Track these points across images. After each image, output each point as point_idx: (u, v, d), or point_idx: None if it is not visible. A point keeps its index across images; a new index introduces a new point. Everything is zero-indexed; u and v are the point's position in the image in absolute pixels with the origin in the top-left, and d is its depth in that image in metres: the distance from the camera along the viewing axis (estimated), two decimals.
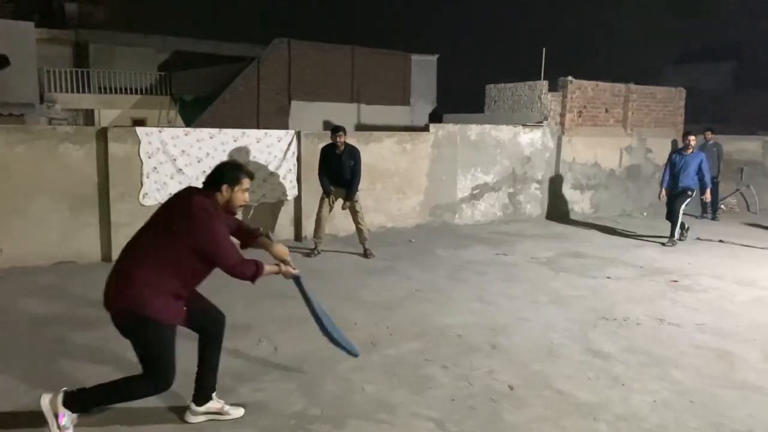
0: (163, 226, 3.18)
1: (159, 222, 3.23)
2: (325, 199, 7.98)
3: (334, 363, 4.38)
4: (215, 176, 3.32)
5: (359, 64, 20.60)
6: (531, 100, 11.78)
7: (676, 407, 3.80)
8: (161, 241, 3.13)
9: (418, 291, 6.39)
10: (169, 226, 3.16)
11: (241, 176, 3.34)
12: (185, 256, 3.13)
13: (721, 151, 12.01)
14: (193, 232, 3.10)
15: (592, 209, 12.18)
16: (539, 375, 4.27)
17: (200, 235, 3.11)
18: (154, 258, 3.12)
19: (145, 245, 3.18)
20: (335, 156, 7.84)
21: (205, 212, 3.16)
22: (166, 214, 3.22)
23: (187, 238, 3.10)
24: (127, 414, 3.53)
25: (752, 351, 4.81)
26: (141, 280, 3.07)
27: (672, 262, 7.95)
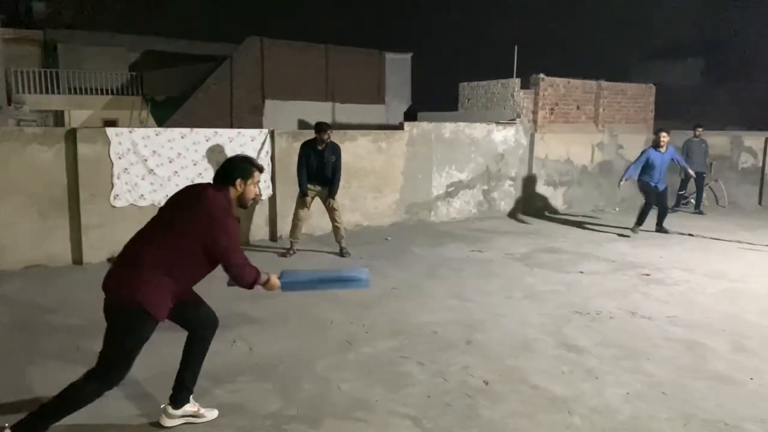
0: (172, 222, 3.16)
1: (168, 216, 3.22)
2: (303, 199, 7.88)
3: (310, 362, 4.37)
4: (228, 171, 3.30)
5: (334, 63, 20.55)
6: (504, 98, 11.86)
7: (648, 399, 3.86)
8: (169, 236, 3.11)
9: (394, 289, 6.40)
10: (179, 221, 3.14)
11: (253, 169, 3.36)
12: (191, 254, 3.11)
13: (707, 146, 12.34)
14: (208, 228, 3.08)
15: (566, 205, 12.32)
16: (514, 370, 4.31)
17: (215, 231, 3.09)
18: (159, 252, 3.09)
19: (151, 239, 3.16)
20: (317, 152, 7.75)
21: (223, 209, 3.16)
22: (175, 209, 3.21)
23: (199, 233, 3.08)
24: (97, 416, 3.48)
25: (722, 342, 4.90)
26: (145, 272, 3.06)
27: (644, 256, 8.07)
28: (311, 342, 4.82)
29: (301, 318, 5.41)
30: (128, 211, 7.61)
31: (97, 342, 3.18)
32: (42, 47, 23.61)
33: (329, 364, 4.35)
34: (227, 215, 3.17)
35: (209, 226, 3.09)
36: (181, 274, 3.16)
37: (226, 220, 3.15)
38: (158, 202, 7.80)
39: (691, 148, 12.11)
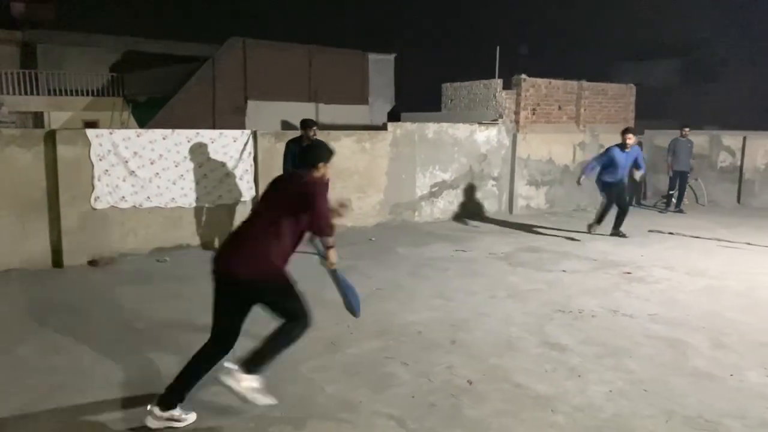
0: (276, 203, 3.65)
1: (271, 200, 3.71)
2: None
3: (295, 364, 4.36)
4: (314, 155, 3.87)
5: (317, 64, 20.50)
6: (486, 99, 11.92)
7: (630, 396, 3.90)
8: (278, 214, 3.57)
9: (379, 289, 6.40)
10: (283, 200, 3.62)
11: (330, 155, 3.94)
12: (295, 226, 3.59)
13: (692, 146, 12.49)
14: (310, 199, 3.53)
15: (548, 204, 12.41)
16: (498, 369, 4.33)
17: (318, 200, 3.54)
18: (272, 230, 3.55)
19: (265, 221, 3.60)
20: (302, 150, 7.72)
21: (318, 185, 3.70)
22: (276, 193, 3.73)
23: (302, 206, 3.55)
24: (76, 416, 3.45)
25: (702, 339, 4.97)
26: (267, 249, 3.55)
27: (625, 255, 8.15)
28: (296, 343, 4.79)
29: None
30: (109, 213, 7.54)
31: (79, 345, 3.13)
32: (21, 47, 23.30)
33: (314, 365, 4.35)
34: (322, 189, 3.67)
35: (312, 199, 3.54)
36: (289, 245, 3.65)
37: (322, 191, 3.63)
38: (139, 204, 7.75)
39: (678, 148, 12.25)
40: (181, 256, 7.79)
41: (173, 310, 5.68)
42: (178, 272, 7.07)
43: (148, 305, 5.80)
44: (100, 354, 4.55)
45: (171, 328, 5.16)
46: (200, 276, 6.90)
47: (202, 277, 6.84)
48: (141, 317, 5.43)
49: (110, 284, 6.54)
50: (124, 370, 4.27)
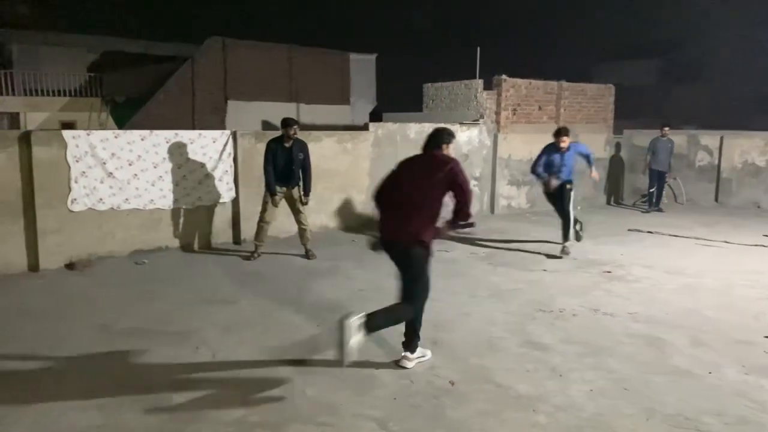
0: (419, 181, 4.17)
1: (410, 179, 4.22)
2: (271, 200, 7.74)
3: (275, 367, 4.32)
4: (439, 138, 4.32)
5: (297, 63, 20.38)
6: (467, 99, 11.94)
7: (611, 395, 3.91)
8: (421, 191, 4.16)
9: (361, 291, 6.37)
10: (424, 179, 4.16)
11: (451, 137, 4.38)
12: (440, 200, 4.16)
13: (673, 145, 12.53)
14: (453, 176, 4.10)
15: (529, 204, 12.46)
16: (480, 369, 4.32)
17: (459, 175, 4.12)
18: (423, 204, 4.16)
19: (408, 197, 4.19)
20: (284, 149, 7.66)
21: (456, 160, 4.22)
22: (415, 173, 4.22)
23: (446, 182, 4.10)
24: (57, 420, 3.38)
25: (681, 337, 5.01)
26: (420, 222, 4.16)
27: (605, 254, 8.20)
28: (276, 347, 4.76)
29: (265, 322, 5.34)
30: (87, 215, 7.43)
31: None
32: None
33: (294, 368, 4.30)
34: (458, 163, 4.22)
35: (455, 175, 4.11)
36: (435, 217, 4.19)
37: (460, 167, 4.20)
38: (117, 206, 7.64)
39: (657, 147, 12.34)
40: (161, 259, 7.70)
41: (152, 312, 5.60)
42: (158, 274, 6.99)
43: (127, 308, 5.72)
44: (77, 358, 4.47)
45: (150, 331, 5.09)
46: (180, 278, 6.85)
47: (181, 279, 6.80)
48: (119, 320, 5.35)
49: (88, 287, 6.44)
50: (103, 374, 4.20)
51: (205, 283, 6.67)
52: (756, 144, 13.13)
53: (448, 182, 4.10)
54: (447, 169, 4.12)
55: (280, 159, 7.59)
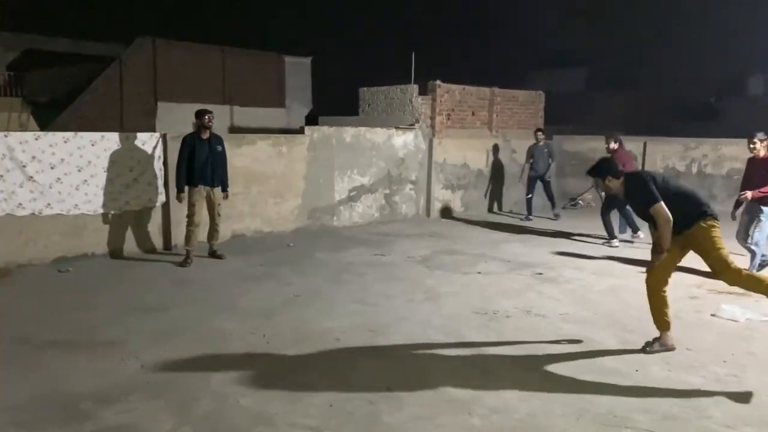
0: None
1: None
2: (197, 202, 7.55)
3: (207, 377, 4.19)
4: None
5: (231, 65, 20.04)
6: (403, 103, 12.02)
7: (544, 396, 3.99)
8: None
9: (297, 296, 6.28)
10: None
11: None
12: None
13: (552, 151, 12.29)
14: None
15: (463, 208, 12.65)
16: (416, 373, 4.33)
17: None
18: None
19: None
20: (203, 143, 7.47)
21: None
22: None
23: None
24: None
25: (610, 337, 5.17)
26: None
27: (536, 257, 8.41)
28: (208, 355, 4.63)
29: (197, 330, 5.18)
30: (4, 221, 7.03)
31: None
32: None
33: (227, 378, 4.19)
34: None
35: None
36: None
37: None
38: (39, 212, 7.28)
39: (535, 153, 12.03)
40: (86, 266, 7.37)
41: (76, 322, 5.34)
42: (83, 283, 6.68)
43: (48, 319, 5.43)
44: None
45: (73, 342, 4.85)
46: (106, 286, 6.57)
47: (108, 287, 6.52)
48: (40, 332, 5.07)
49: (5, 298, 6.09)
50: (21, 390, 3.96)
51: (133, 290, 6.42)
52: (676, 149, 13.79)
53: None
54: None
55: (200, 154, 7.42)
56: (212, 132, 7.61)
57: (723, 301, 6.18)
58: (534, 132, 12.39)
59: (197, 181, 7.49)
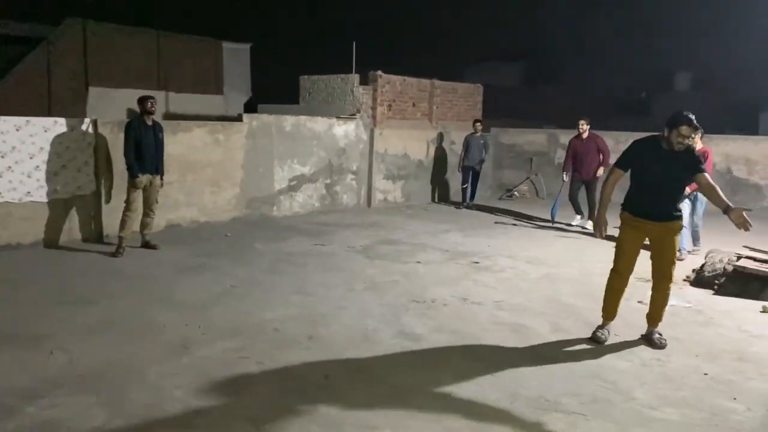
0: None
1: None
2: (138, 188, 7.34)
3: (140, 370, 4.08)
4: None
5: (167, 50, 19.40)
6: (344, 93, 11.98)
7: (479, 381, 4.08)
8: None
9: (234, 287, 6.19)
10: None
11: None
12: None
13: (487, 143, 12.62)
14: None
15: (404, 198, 12.74)
16: (355, 362, 4.35)
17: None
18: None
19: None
20: (147, 129, 7.28)
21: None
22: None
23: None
24: None
25: (543, 323, 5.34)
26: None
27: (474, 245, 8.57)
28: (142, 348, 4.51)
29: (130, 322, 5.04)
30: None
31: None
32: None
33: (162, 370, 4.09)
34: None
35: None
36: None
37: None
38: None
39: (470, 144, 12.28)
40: (10, 257, 7.03)
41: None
42: (6, 275, 6.37)
43: None
44: None
45: None
46: (33, 278, 6.29)
47: (34, 279, 6.24)
48: None
49: None
50: None
51: (62, 282, 6.17)
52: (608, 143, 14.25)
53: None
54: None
55: (146, 141, 7.24)
56: (153, 118, 7.41)
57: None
58: (473, 122, 12.61)
59: (142, 169, 7.30)
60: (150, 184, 7.46)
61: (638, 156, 4.75)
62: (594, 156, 9.84)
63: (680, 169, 4.63)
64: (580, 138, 10.09)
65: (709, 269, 6.66)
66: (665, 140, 4.60)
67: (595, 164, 9.85)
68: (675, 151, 4.56)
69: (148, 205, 7.58)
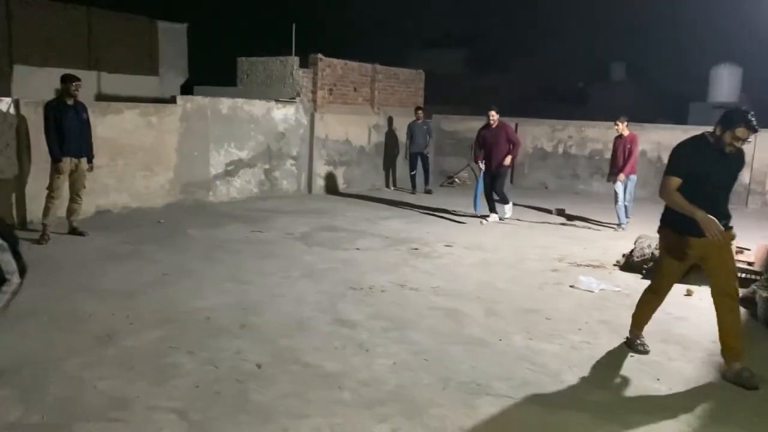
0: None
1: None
2: (61, 172, 7.00)
3: (60, 362, 3.90)
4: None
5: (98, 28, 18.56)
6: (283, 76, 11.76)
7: (412, 367, 4.09)
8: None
9: (165, 275, 6.00)
10: None
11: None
12: None
13: (430, 129, 13.01)
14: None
15: (345, 184, 12.66)
16: (288, 350, 4.28)
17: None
18: None
19: None
20: (68, 110, 6.94)
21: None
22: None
23: None
24: None
25: (477, 308, 5.39)
26: None
27: (414, 233, 8.59)
28: (63, 339, 4.31)
29: (52, 312, 4.81)
30: None
31: None
32: None
33: (83, 362, 3.92)
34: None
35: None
36: None
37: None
38: None
39: (414, 131, 12.63)
40: None
41: None
42: None
43: None
44: None
45: None
46: None
47: None
48: None
49: None
50: None
51: None
52: (544, 131, 14.58)
53: None
54: None
55: (68, 122, 6.91)
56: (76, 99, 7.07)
57: (581, 273, 6.64)
58: (414, 110, 12.71)
59: (65, 151, 6.95)
60: (76, 168, 7.14)
61: (694, 161, 4.08)
62: (504, 146, 9.50)
63: (734, 172, 4.18)
64: (489, 128, 9.69)
65: (638, 254, 6.88)
66: (715, 140, 4.06)
67: (504, 154, 9.53)
68: (725, 153, 4.03)
69: (74, 190, 7.26)
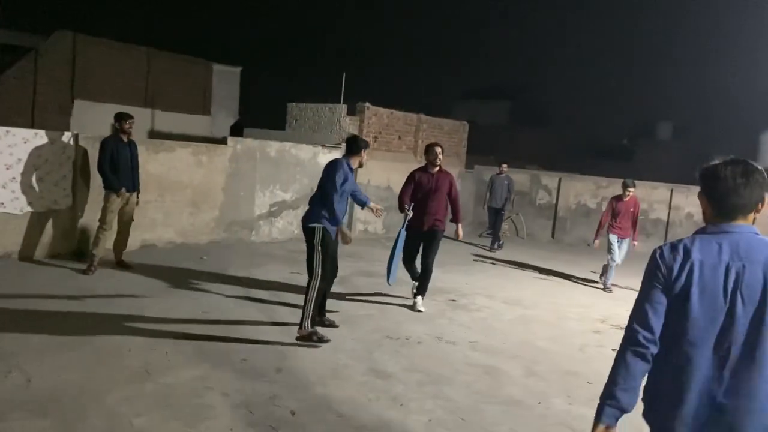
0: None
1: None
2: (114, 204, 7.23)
3: (99, 395, 3.94)
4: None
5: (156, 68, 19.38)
6: (331, 122, 12.01)
7: (449, 425, 4.00)
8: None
9: (205, 313, 6.06)
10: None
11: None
12: None
13: (510, 182, 12.70)
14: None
15: (384, 230, 12.70)
16: (322, 398, 4.25)
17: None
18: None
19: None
20: (123, 147, 7.22)
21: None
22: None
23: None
24: None
25: (516, 367, 5.28)
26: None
27: (451, 282, 8.52)
28: (103, 371, 4.37)
29: (93, 344, 4.90)
30: None
31: None
32: None
33: (122, 396, 3.96)
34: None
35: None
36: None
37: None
38: None
39: (494, 184, 12.55)
40: None
41: None
42: None
43: None
44: None
45: None
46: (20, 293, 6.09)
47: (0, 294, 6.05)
48: None
49: None
50: None
51: (28, 298, 6.00)
52: (588, 187, 14.43)
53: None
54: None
55: (122, 158, 7.18)
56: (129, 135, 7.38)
57: None
58: (499, 164, 12.70)
59: (120, 185, 7.20)
60: (127, 201, 7.37)
61: None
62: (443, 200, 6.94)
63: None
64: (427, 170, 7.08)
65: None
66: None
67: (442, 211, 6.96)
68: None
69: (123, 222, 7.46)
